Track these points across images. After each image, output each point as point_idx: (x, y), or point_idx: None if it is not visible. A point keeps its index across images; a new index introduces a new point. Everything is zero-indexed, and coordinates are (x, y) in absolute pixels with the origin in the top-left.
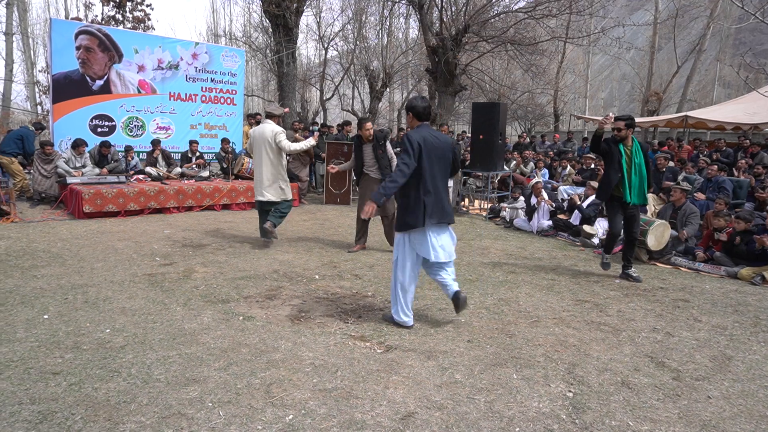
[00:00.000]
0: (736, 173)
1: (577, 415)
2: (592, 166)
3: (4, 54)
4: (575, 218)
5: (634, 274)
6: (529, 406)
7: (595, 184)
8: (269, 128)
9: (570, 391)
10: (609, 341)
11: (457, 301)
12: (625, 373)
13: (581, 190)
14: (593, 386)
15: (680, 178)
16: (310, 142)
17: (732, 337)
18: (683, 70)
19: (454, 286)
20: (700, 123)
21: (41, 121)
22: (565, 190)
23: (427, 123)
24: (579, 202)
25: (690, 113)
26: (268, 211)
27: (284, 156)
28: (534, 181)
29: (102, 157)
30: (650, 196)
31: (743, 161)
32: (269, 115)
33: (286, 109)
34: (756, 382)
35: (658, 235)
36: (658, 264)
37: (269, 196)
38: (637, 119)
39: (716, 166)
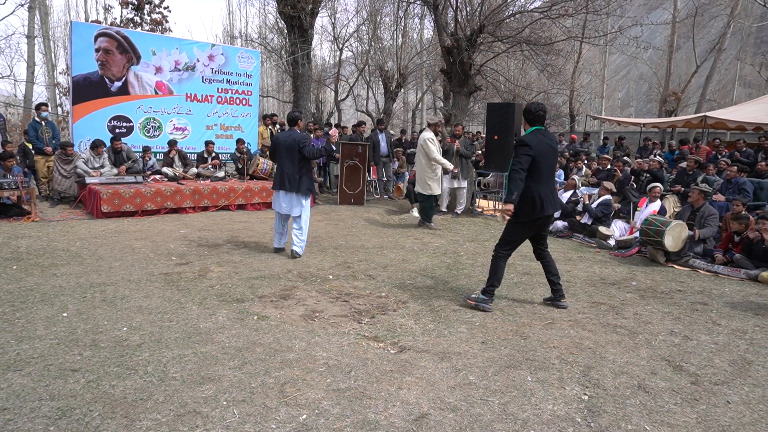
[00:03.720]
0: None
1: (593, 419)
2: (609, 166)
3: (26, 56)
4: (587, 218)
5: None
6: (543, 409)
7: (608, 185)
8: (423, 135)
9: (585, 394)
10: (625, 344)
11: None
12: (642, 377)
13: (596, 190)
14: (609, 389)
15: (699, 179)
16: (448, 166)
17: (752, 341)
18: (702, 69)
19: (290, 241)
20: (719, 123)
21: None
22: (581, 191)
23: (293, 127)
24: (588, 202)
25: (709, 113)
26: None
27: (429, 159)
28: (572, 177)
29: (116, 153)
30: (670, 198)
31: (764, 163)
32: (428, 124)
33: (441, 119)
34: None
35: (675, 235)
36: (675, 266)
37: (418, 188)
38: (655, 120)
39: (736, 167)
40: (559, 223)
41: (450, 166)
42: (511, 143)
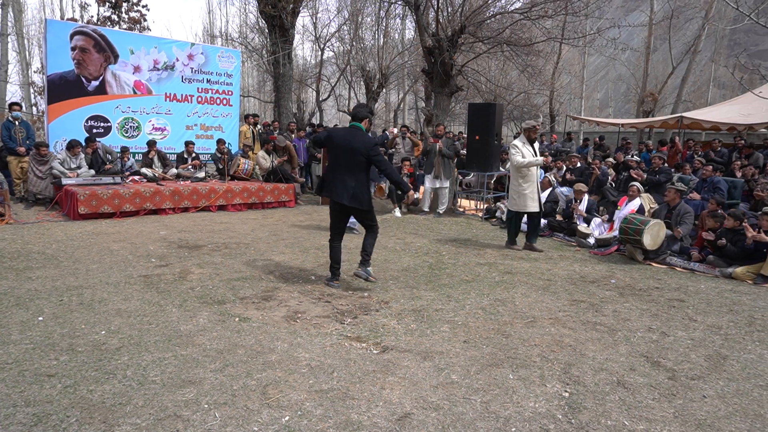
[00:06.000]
0: (738, 174)
1: (573, 415)
2: (578, 164)
3: None
4: (580, 219)
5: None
6: (525, 406)
7: (581, 186)
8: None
9: (566, 391)
10: (605, 341)
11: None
12: (621, 373)
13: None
14: (589, 386)
15: (675, 178)
16: (538, 161)
17: (727, 336)
18: (678, 70)
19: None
20: (695, 124)
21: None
22: (561, 192)
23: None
24: (579, 207)
25: (685, 114)
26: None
27: (519, 168)
28: (545, 175)
29: (93, 153)
30: (645, 196)
31: (737, 162)
32: (522, 129)
33: (537, 124)
34: (751, 381)
35: (653, 234)
36: (653, 264)
37: (507, 203)
38: (633, 120)
39: (711, 167)
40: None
41: (539, 161)
42: (493, 143)
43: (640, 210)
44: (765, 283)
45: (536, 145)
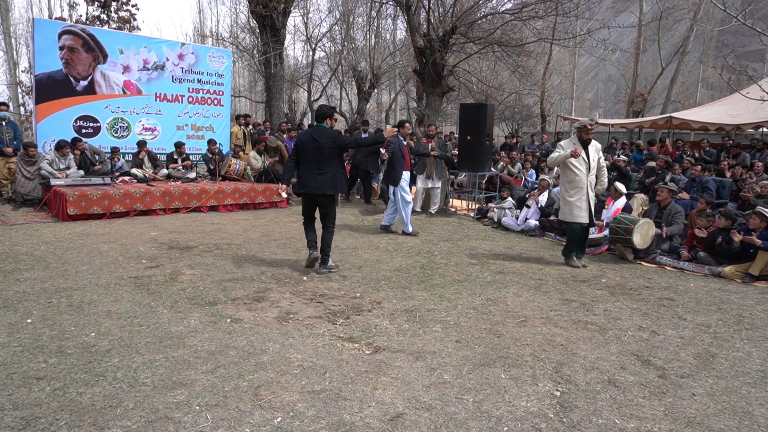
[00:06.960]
0: (727, 174)
1: (565, 414)
2: None
3: None
4: None
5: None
6: (517, 406)
7: None
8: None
9: (557, 390)
10: (596, 340)
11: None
12: (612, 372)
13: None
14: (580, 385)
15: (668, 178)
16: (567, 153)
17: (716, 335)
18: (667, 71)
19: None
20: (684, 124)
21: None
22: (557, 192)
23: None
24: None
25: (674, 114)
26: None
27: (565, 171)
28: (542, 177)
29: (80, 155)
30: (639, 196)
31: (725, 162)
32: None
33: (589, 123)
34: (739, 379)
35: (643, 233)
36: (643, 263)
37: (560, 213)
38: (623, 120)
39: (700, 167)
40: (532, 222)
41: (567, 153)
42: (484, 143)
43: (626, 209)
44: (753, 282)
45: (592, 147)
